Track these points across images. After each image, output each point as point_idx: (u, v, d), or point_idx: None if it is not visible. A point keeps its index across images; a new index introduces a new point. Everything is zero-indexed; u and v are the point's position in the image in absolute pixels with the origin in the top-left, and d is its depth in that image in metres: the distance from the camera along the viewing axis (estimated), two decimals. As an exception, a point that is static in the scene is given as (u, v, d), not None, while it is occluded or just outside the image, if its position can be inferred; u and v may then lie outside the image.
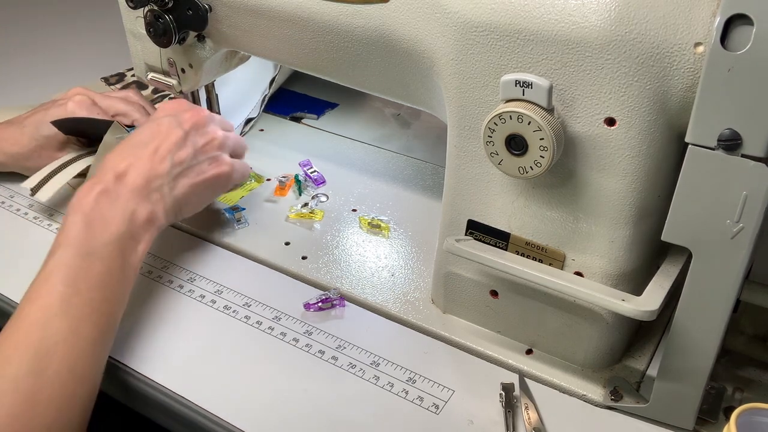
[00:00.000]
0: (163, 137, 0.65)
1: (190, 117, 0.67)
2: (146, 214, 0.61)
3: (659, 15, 0.45)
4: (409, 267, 0.69)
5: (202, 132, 0.67)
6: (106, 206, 0.59)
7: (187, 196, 0.65)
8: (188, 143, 0.66)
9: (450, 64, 0.53)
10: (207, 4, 0.69)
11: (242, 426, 0.54)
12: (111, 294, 0.57)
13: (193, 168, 0.66)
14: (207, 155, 0.67)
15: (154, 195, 0.62)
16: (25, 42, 1.12)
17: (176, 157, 0.64)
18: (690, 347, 0.50)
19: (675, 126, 0.47)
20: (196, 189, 0.66)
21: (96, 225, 0.58)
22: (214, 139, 0.68)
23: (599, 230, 0.52)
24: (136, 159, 0.63)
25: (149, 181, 0.62)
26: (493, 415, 0.55)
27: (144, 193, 0.62)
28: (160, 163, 0.63)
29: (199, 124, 0.67)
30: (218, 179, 0.68)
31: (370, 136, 0.89)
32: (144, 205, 0.61)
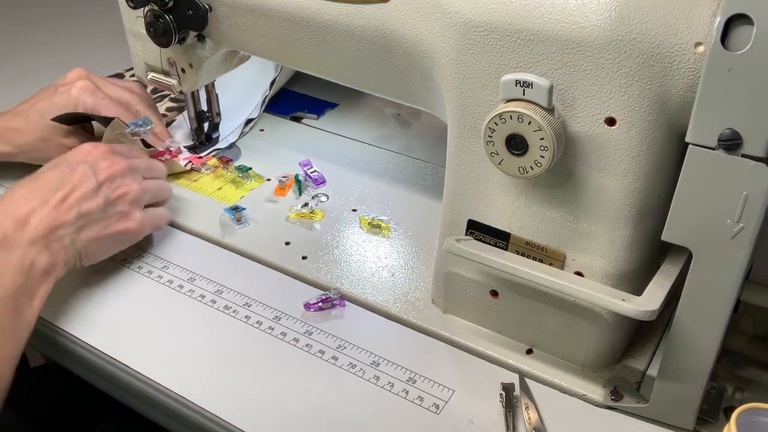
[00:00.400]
0: (74, 185, 0.62)
1: (107, 167, 0.65)
2: (45, 264, 0.58)
3: (659, 15, 0.45)
4: (409, 267, 0.69)
5: (116, 185, 0.65)
6: (3, 258, 0.56)
7: (88, 248, 0.63)
8: (99, 195, 0.63)
9: (450, 64, 0.53)
10: (207, 4, 0.69)
11: (242, 426, 0.54)
12: (3, 354, 0.54)
13: (99, 221, 0.63)
14: (116, 209, 0.65)
15: (55, 244, 0.60)
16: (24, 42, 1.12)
17: (84, 208, 0.62)
18: (690, 347, 0.50)
19: (675, 126, 0.47)
20: (99, 242, 0.64)
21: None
22: (127, 193, 0.65)
23: (599, 230, 0.52)
24: (41, 205, 0.60)
25: (52, 230, 0.60)
26: (493, 415, 0.55)
27: (44, 242, 0.59)
28: (66, 213, 0.61)
29: (115, 176, 0.65)
30: (124, 235, 0.66)
31: (370, 136, 0.89)
32: (43, 255, 0.59)
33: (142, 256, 0.70)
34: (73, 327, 0.62)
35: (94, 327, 0.62)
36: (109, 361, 0.59)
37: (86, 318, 0.63)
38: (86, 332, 0.62)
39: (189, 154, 0.83)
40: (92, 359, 0.60)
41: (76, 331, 0.62)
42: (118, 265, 0.69)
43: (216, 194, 0.78)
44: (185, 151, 0.83)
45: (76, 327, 0.62)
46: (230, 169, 0.81)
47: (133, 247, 0.71)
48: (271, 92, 0.91)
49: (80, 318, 0.63)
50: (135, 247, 0.71)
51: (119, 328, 0.62)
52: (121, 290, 0.66)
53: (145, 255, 0.70)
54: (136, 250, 0.71)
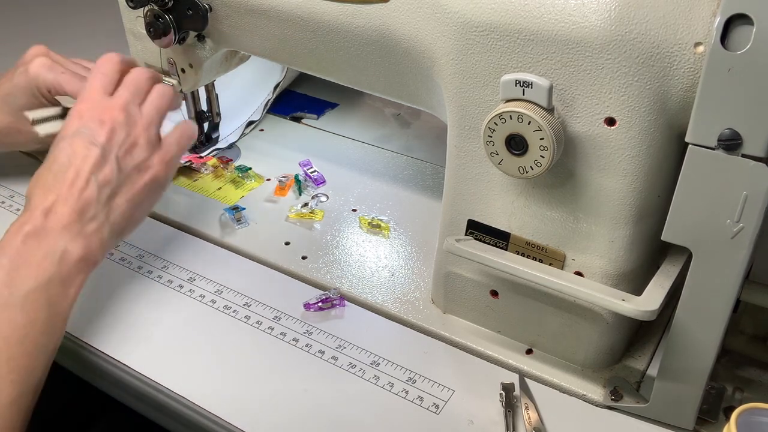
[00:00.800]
0: (80, 159, 0.58)
1: (101, 125, 0.60)
2: (79, 252, 0.55)
3: (659, 15, 0.45)
4: (409, 267, 0.69)
5: (120, 139, 0.60)
6: (32, 248, 0.54)
7: (125, 215, 0.59)
8: (109, 158, 0.59)
9: (450, 63, 0.53)
10: (207, 4, 0.69)
11: (242, 426, 0.54)
12: (33, 348, 0.52)
13: (123, 183, 0.59)
14: (134, 162, 0.60)
15: (89, 226, 0.56)
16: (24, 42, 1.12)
17: (100, 178, 0.58)
18: (690, 347, 0.50)
19: (675, 126, 0.47)
20: (133, 204, 0.60)
21: (20, 270, 0.53)
22: (135, 143, 0.60)
23: (599, 230, 0.52)
24: (59, 188, 0.56)
25: (81, 212, 0.56)
26: (493, 415, 0.55)
27: (77, 228, 0.56)
28: (85, 189, 0.57)
29: (114, 131, 0.60)
30: (155, 182, 0.62)
31: (370, 136, 0.89)
32: (77, 242, 0.55)
33: (142, 257, 0.70)
34: (71, 326, 0.62)
35: (92, 326, 0.62)
36: (108, 361, 0.59)
37: (84, 317, 0.63)
38: (85, 332, 0.62)
39: (189, 153, 0.83)
40: (91, 359, 0.60)
41: (74, 331, 0.62)
42: (117, 265, 0.69)
43: (216, 194, 0.78)
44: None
45: (74, 326, 0.62)
46: (230, 169, 0.81)
47: (132, 247, 0.71)
48: (273, 95, 0.91)
49: (78, 317, 0.63)
50: (134, 247, 0.71)
51: (118, 327, 0.62)
52: (120, 290, 0.66)
53: (145, 255, 0.70)
54: (135, 250, 0.71)
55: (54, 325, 0.54)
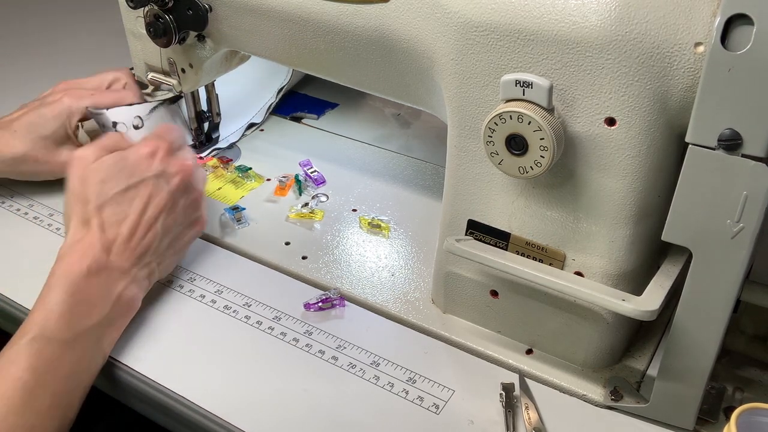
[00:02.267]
0: (149, 197, 0.59)
1: (177, 172, 0.61)
2: (131, 296, 0.57)
3: (659, 15, 0.45)
4: (409, 267, 0.69)
5: (188, 190, 0.62)
6: (95, 287, 0.54)
7: (169, 266, 0.63)
8: (177, 207, 0.61)
9: (450, 64, 0.53)
10: (207, 4, 0.69)
11: (242, 426, 0.54)
12: (76, 386, 0.53)
13: (178, 236, 0.62)
14: (191, 216, 0.63)
15: (142, 272, 0.59)
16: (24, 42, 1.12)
17: (165, 225, 0.59)
18: (690, 347, 0.50)
19: (675, 126, 0.47)
20: (178, 256, 0.64)
21: (81, 308, 0.53)
22: (197, 198, 0.63)
23: (599, 230, 0.52)
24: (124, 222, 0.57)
25: (140, 257, 0.58)
26: (493, 415, 0.55)
27: (134, 271, 0.57)
28: (148, 231, 0.58)
29: (187, 180, 0.62)
30: (193, 238, 0.66)
31: (370, 136, 0.89)
32: (131, 287, 0.57)
33: (142, 256, 0.70)
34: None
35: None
36: (108, 361, 0.59)
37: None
38: (86, 332, 0.62)
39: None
40: (92, 359, 0.60)
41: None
42: (118, 265, 0.69)
43: (216, 194, 0.78)
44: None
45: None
46: (230, 169, 0.81)
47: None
48: (276, 99, 0.91)
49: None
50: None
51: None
52: (121, 290, 0.66)
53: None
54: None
55: (97, 364, 0.55)
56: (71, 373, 0.52)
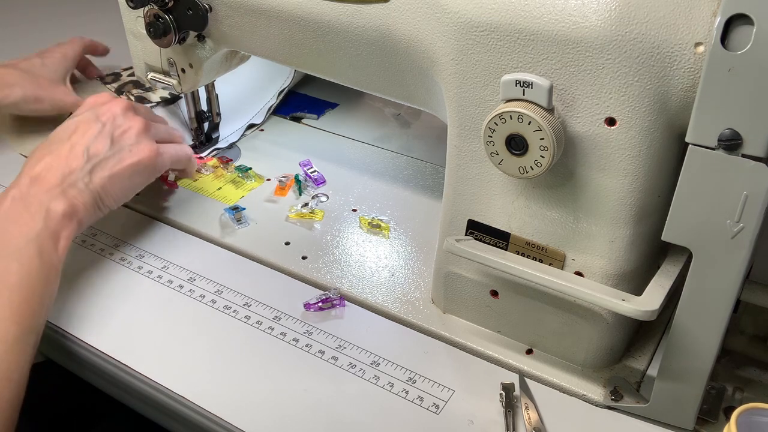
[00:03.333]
0: (80, 133, 0.65)
1: (107, 108, 0.68)
2: (62, 209, 0.61)
3: (659, 15, 0.45)
4: (409, 267, 0.69)
5: (119, 122, 0.67)
6: (19, 209, 0.59)
7: (106, 186, 0.65)
8: (104, 134, 0.66)
9: (450, 63, 0.53)
10: (207, 4, 0.69)
11: (242, 425, 0.54)
12: (31, 294, 0.56)
13: (109, 159, 0.65)
14: (125, 143, 0.66)
15: (70, 191, 0.62)
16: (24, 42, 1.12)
17: (91, 150, 0.64)
18: (690, 347, 0.50)
19: (675, 126, 0.47)
20: (115, 179, 0.65)
21: (10, 228, 0.58)
22: (132, 127, 0.67)
23: (599, 230, 0.52)
24: (51, 158, 0.63)
25: (63, 177, 0.62)
26: (493, 415, 0.55)
27: (58, 190, 0.61)
28: (75, 159, 0.63)
29: (116, 114, 0.68)
30: (139, 165, 0.67)
31: (370, 136, 0.89)
32: (59, 200, 0.61)
33: (143, 256, 0.70)
34: (72, 326, 0.62)
35: (93, 326, 0.62)
36: (109, 361, 0.59)
37: (85, 317, 0.63)
38: (85, 331, 0.62)
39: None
40: (91, 358, 0.60)
41: (75, 331, 0.62)
42: (118, 265, 0.69)
43: (216, 194, 0.78)
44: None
45: (75, 326, 0.62)
46: (230, 169, 0.81)
47: (133, 247, 0.71)
48: (277, 100, 0.90)
49: (79, 317, 0.63)
50: (135, 247, 0.71)
51: (119, 327, 0.62)
52: (121, 290, 0.66)
53: (145, 255, 0.70)
54: (135, 249, 0.71)
55: (48, 274, 0.58)
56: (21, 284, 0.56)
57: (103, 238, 0.72)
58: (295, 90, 0.98)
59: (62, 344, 0.62)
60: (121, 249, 0.71)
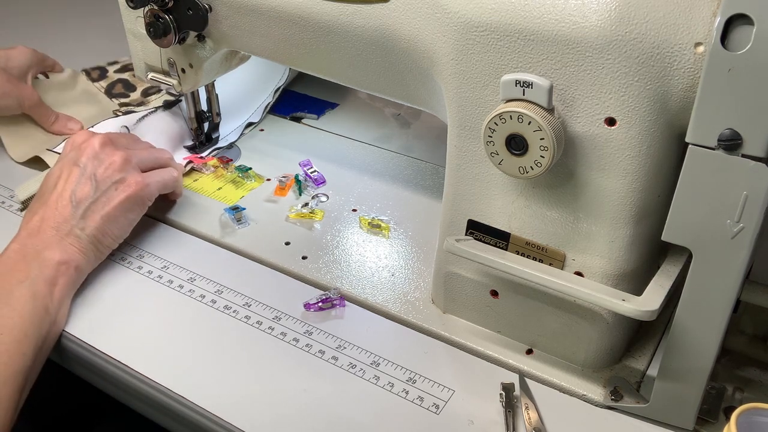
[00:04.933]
0: (63, 179, 0.65)
1: (85, 147, 0.67)
2: (58, 256, 0.61)
3: (659, 15, 0.45)
4: (409, 267, 0.69)
5: (98, 160, 0.66)
6: (17, 260, 0.61)
7: (101, 229, 0.65)
8: (86, 177, 0.65)
9: (450, 64, 0.53)
10: (207, 4, 0.69)
11: (242, 425, 0.54)
12: (23, 336, 0.57)
13: (98, 201, 0.65)
14: (110, 181, 0.66)
15: (66, 240, 0.63)
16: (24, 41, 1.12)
17: (77, 196, 0.64)
18: (690, 347, 0.50)
19: (675, 126, 0.47)
20: (109, 219, 0.65)
21: (5, 276, 0.59)
22: (113, 162, 0.66)
23: (599, 230, 0.52)
24: (44, 210, 0.64)
25: (57, 228, 0.63)
26: (493, 415, 0.55)
27: (55, 241, 0.62)
28: (64, 208, 0.64)
29: (95, 152, 0.67)
30: (129, 201, 0.66)
31: (370, 136, 0.89)
32: (55, 250, 0.62)
33: (143, 256, 0.70)
34: (72, 327, 0.62)
35: (93, 327, 0.62)
36: (109, 361, 0.59)
37: (86, 318, 0.63)
38: (86, 332, 0.62)
39: (189, 153, 0.83)
40: (91, 359, 0.60)
41: (75, 331, 0.62)
42: (118, 265, 0.69)
43: (216, 194, 0.78)
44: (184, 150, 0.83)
45: (75, 327, 0.62)
46: (230, 169, 0.81)
47: (133, 247, 0.71)
48: (273, 98, 0.90)
49: (80, 318, 0.63)
50: (135, 247, 0.71)
51: (119, 327, 0.62)
52: (121, 290, 0.66)
53: (146, 255, 0.70)
54: (135, 250, 0.71)
55: (41, 318, 0.59)
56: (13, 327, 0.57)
57: (103, 238, 0.72)
58: (295, 90, 0.98)
59: (62, 344, 0.62)
60: (122, 249, 0.70)
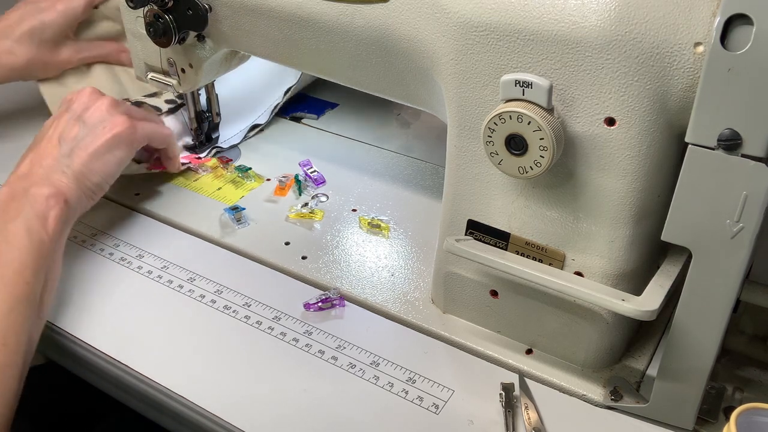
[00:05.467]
0: (54, 126, 0.68)
1: (75, 96, 0.70)
2: (46, 190, 0.62)
3: (659, 15, 0.45)
4: (409, 267, 0.69)
5: (86, 103, 0.69)
6: (7, 201, 0.62)
7: (87, 165, 0.66)
8: (74, 119, 0.68)
9: (450, 64, 0.53)
10: (207, 4, 0.69)
11: (242, 425, 0.54)
12: (23, 268, 0.58)
13: (84, 139, 0.67)
14: (97, 120, 0.68)
15: (52, 176, 0.64)
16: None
17: (65, 136, 0.67)
18: (690, 347, 0.50)
19: (675, 126, 0.47)
20: (95, 157, 0.66)
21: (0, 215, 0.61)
22: (100, 105, 0.69)
23: (599, 230, 0.52)
24: (33, 154, 0.66)
25: (45, 167, 0.64)
26: (493, 415, 0.55)
27: (44, 179, 0.63)
28: (52, 149, 0.66)
29: (83, 97, 0.69)
30: (116, 138, 0.68)
31: (370, 136, 0.89)
32: (42, 186, 0.63)
33: (142, 256, 0.70)
34: (72, 327, 0.62)
35: (93, 327, 0.62)
36: (109, 361, 0.59)
37: (86, 318, 0.63)
38: (86, 332, 0.62)
39: (188, 153, 0.83)
40: (92, 359, 0.60)
41: (75, 331, 0.62)
42: (117, 265, 0.69)
43: (216, 194, 0.78)
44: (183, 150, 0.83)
45: (75, 327, 0.62)
46: (230, 169, 0.81)
47: (133, 246, 0.71)
48: (283, 100, 0.90)
49: (80, 318, 0.63)
50: (135, 247, 0.71)
51: (119, 327, 0.62)
52: (121, 290, 0.66)
53: (145, 255, 0.70)
54: (135, 249, 0.71)
55: (39, 252, 0.59)
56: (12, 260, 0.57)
57: (104, 238, 0.72)
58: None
59: (62, 344, 0.62)
60: (121, 249, 0.71)
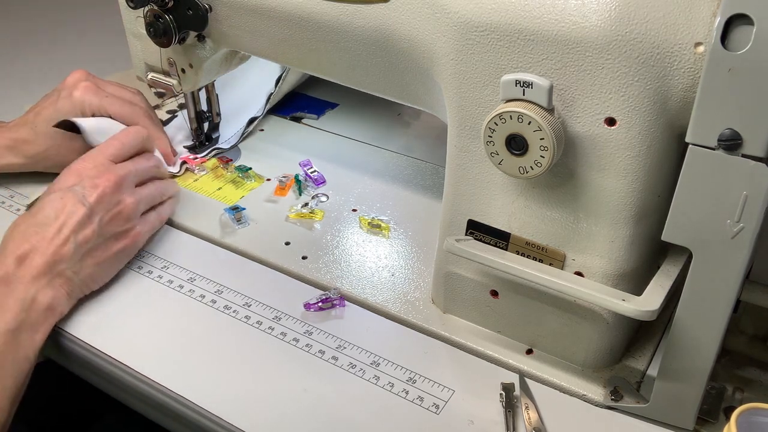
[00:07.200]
0: (66, 215, 0.61)
1: (95, 187, 0.63)
2: (47, 301, 0.59)
3: (659, 15, 0.45)
4: (409, 267, 0.69)
5: (107, 205, 0.64)
6: (4, 293, 0.57)
7: (92, 275, 0.63)
8: (93, 220, 0.62)
9: (450, 64, 0.53)
10: (207, 4, 0.69)
11: (242, 425, 0.54)
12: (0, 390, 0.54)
13: (98, 247, 0.63)
14: (113, 230, 0.64)
15: (57, 280, 0.60)
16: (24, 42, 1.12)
17: (80, 238, 0.61)
18: (690, 347, 0.50)
19: (675, 126, 0.47)
20: (101, 267, 0.64)
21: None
22: (121, 212, 0.65)
23: (599, 230, 0.52)
24: (38, 240, 0.60)
25: (52, 265, 0.60)
26: (493, 415, 0.55)
27: (47, 278, 0.59)
28: (63, 246, 0.60)
29: (105, 196, 0.64)
30: (123, 252, 0.66)
31: (370, 136, 0.89)
32: (45, 292, 0.59)
33: (142, 256, 0.70)
34: (72, 326, 0.62)
35: (93, 326, 0.62)
36: (108, 361, 0.59)
37: (85, 317, 0.63)
38: (85, 331, 0.62)
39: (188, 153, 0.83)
40: (91, 358, 0.60)
41: (74, 330, 0.62)
42: (118, 265, 0.69)
43: (216, 194, 0.78)
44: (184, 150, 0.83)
45: (74, 326, 0.62)
46: (230, 169, 0.81)
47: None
48: (276, 90, 0.90)
49: (79, 317, 0.63)
50: (135, 247, 0.71)
51: (119, 327, 0.62)
52: (120, 290, 0.66)
53: (145, 255, 0.70)
54: (136, 250, 0.71)
55: (20, 369, 0.56)
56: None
57: (103, 238, 0.72)
58: (295, 90, 0.98)
59: (60, 343, 0.62)
60: (121, 249, 0.71)
